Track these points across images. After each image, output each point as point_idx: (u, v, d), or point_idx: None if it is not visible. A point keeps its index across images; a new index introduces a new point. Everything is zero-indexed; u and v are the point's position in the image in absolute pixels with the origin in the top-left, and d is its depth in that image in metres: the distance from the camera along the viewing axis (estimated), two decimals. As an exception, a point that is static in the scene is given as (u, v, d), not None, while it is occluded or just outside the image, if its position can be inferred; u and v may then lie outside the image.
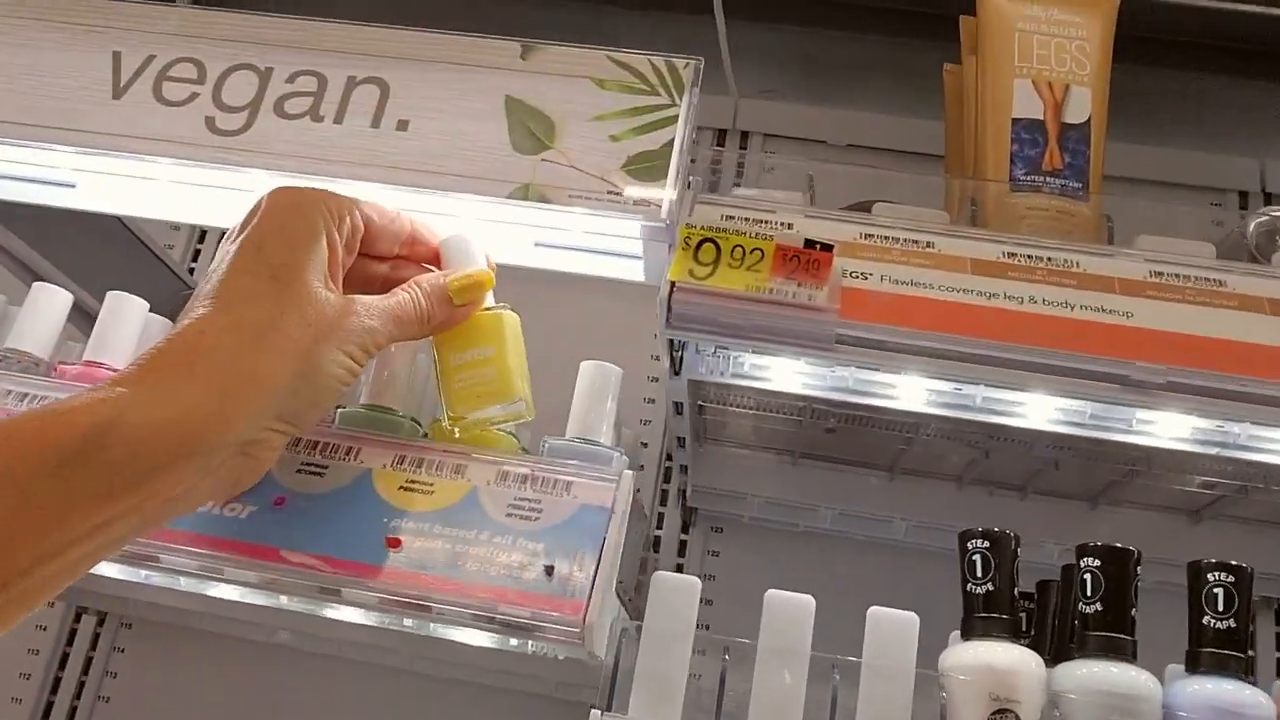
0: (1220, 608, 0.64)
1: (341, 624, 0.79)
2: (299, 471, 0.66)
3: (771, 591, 0.69)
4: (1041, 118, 0.76)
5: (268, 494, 0.65)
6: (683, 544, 1.06)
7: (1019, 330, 0.63)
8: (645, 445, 1.09)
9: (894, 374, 0.68)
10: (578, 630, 0.59)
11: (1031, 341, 0.63)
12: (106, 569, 0.67)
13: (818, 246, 0.64)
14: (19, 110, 0.71)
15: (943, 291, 0.65)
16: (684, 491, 1.02)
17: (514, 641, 0.66)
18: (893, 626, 0.68)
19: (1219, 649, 0.63)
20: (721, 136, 1.21)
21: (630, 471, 0.66)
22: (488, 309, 0.64)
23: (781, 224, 0.69)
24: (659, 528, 1.07)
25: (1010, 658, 0.65)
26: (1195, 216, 0.75)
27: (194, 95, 0.71)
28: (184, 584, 0.68)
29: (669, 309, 0.64)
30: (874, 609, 0.68)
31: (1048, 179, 0.74)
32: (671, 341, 0.69)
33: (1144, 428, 0.69)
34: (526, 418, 0.65)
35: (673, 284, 0.64)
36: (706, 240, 0.66)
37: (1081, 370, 0.63)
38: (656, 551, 1.06)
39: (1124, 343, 0.63)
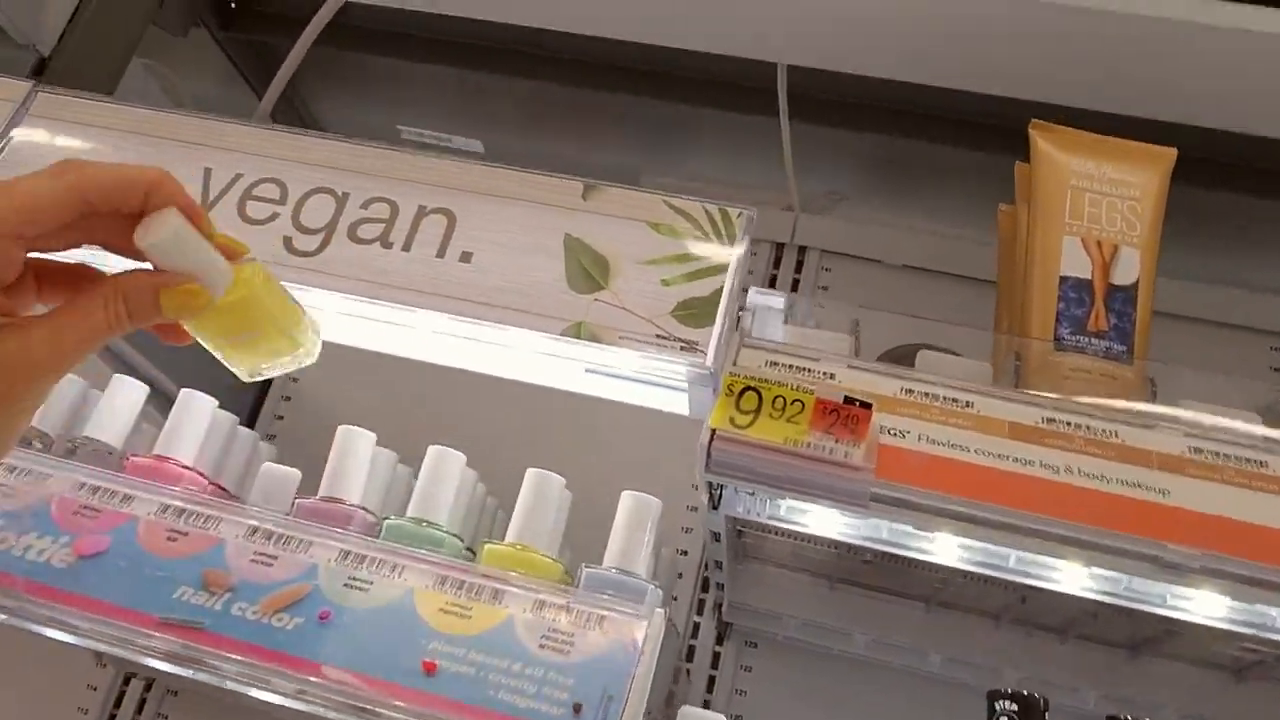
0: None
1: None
2: (345, 586, 0.69)
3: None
4: (1089, 277, 0.77)
5: (314, 608, 0.68)
6: (716, 655, 1.07)
7: (1053, 501, 0.64)
8: (685, 554, 1.10)
9: (927, 530, 0.69)
10: (600, 772, 0.61)
11: (1064, 515, 0.63)
12: (156, 663, 0.70)
13: (857, 403, 0.66)
14: (114, 222, 0.76)
15: (979, 455, 0.66)
16: (720, 606, 1.03)
17: (539, 773, 0.68)
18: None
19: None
20: (780, 249, 1.24)
21: (662, 610, 0.68)
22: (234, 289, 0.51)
23: (824, 374, 0.71)
24: (694, 637, 1.08)
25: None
26: (1246, 387, 0.75)
27: (275, 215, 0.75)
28: (230, 685, 0.71)
29: (709, 455, 0.66)
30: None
31: (1092, 340, 0.75)
32: (710, 482, 0.71)
33: (1179, 603, 0.69)
34: (310, 359, 0.56)
35: (713, 431, 0.66)
36: (749, 389, 0.68)
37: (1114, 548, 0.63)
38: (690, 661, 1.07)
39: (1159, 522, 0.63)
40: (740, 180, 1.51)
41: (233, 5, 1.53)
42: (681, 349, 0.68)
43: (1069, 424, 0.68)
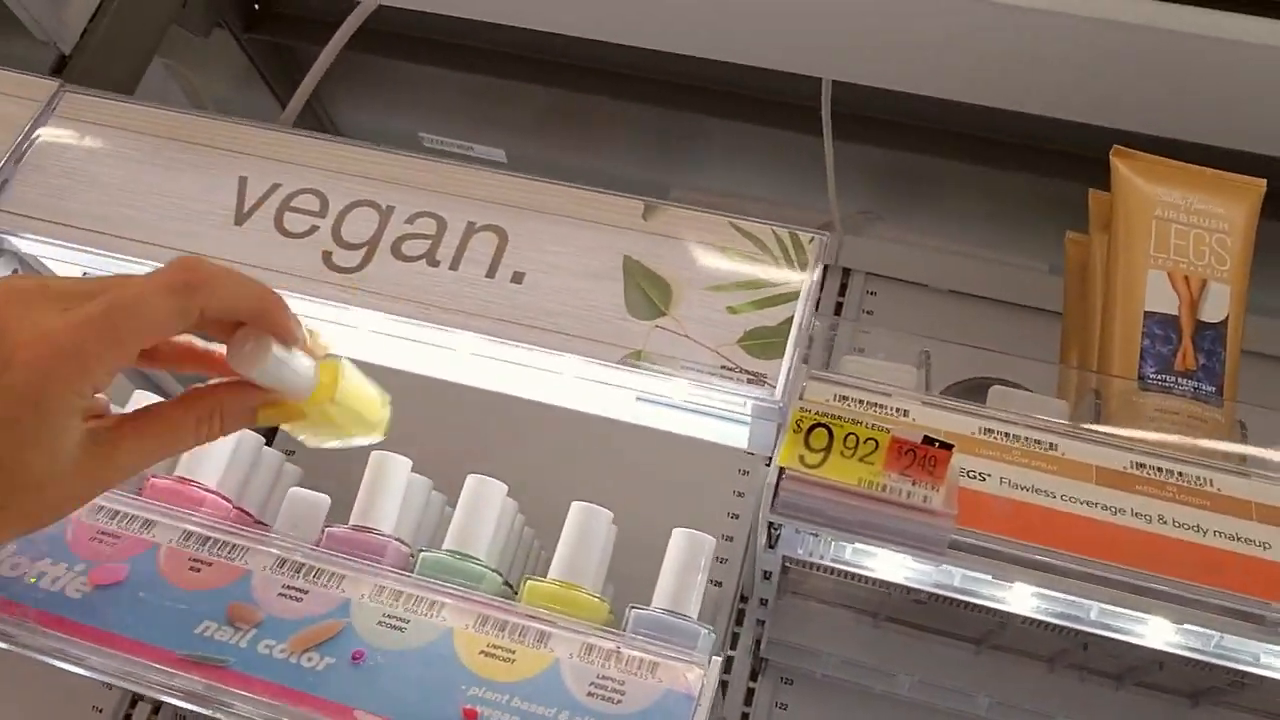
0: None
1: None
2: (380, 624, 0.65)
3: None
4: (1176, 313, 0.72)
5: (346, 647, 0.63)
6: (750, 692, 1.02)
7: (1145, 554, 0.60)
8: (719, 584, 1.06)
9: (1006, 580, 0.64)
10: (655, 838, 0.56)
11: (1158, 568, 0.59)
12: (177, 703, 0.66)
13: (936, 444, 0.62)
14: (143, 230, 0.72)
15: (1065, 502, 0.62)
16: (758, 641, 0.98)
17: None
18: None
19: None
20: (823, 272, 1.19)
21: (719, 657, 0.64)
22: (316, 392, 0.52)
23: (897, 410, 0.66)
24: (726, 672, 1.03)
25: None
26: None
27: (314, 228, 0.71)
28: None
29: (776, 495, 0.62)
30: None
31: (1179, 380, 0.70)
32: (771, 522, 0.66)
33: (1272, 662, 0.64)
34: (378, 438, 0.56)
35: (782, 470, 0.61)
36: (819, 425, 0.63)
37: (1213, 605, 0.59)
38: (723, 696, 1.02)
39: (1261, 579, 0.59)
40: (772, 197, 1.47)
41: (255, 7, 1.50)
42: (749, 381, 0.64)
43: (1160, 470, 0.63)
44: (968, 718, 0.95)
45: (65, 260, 0.75)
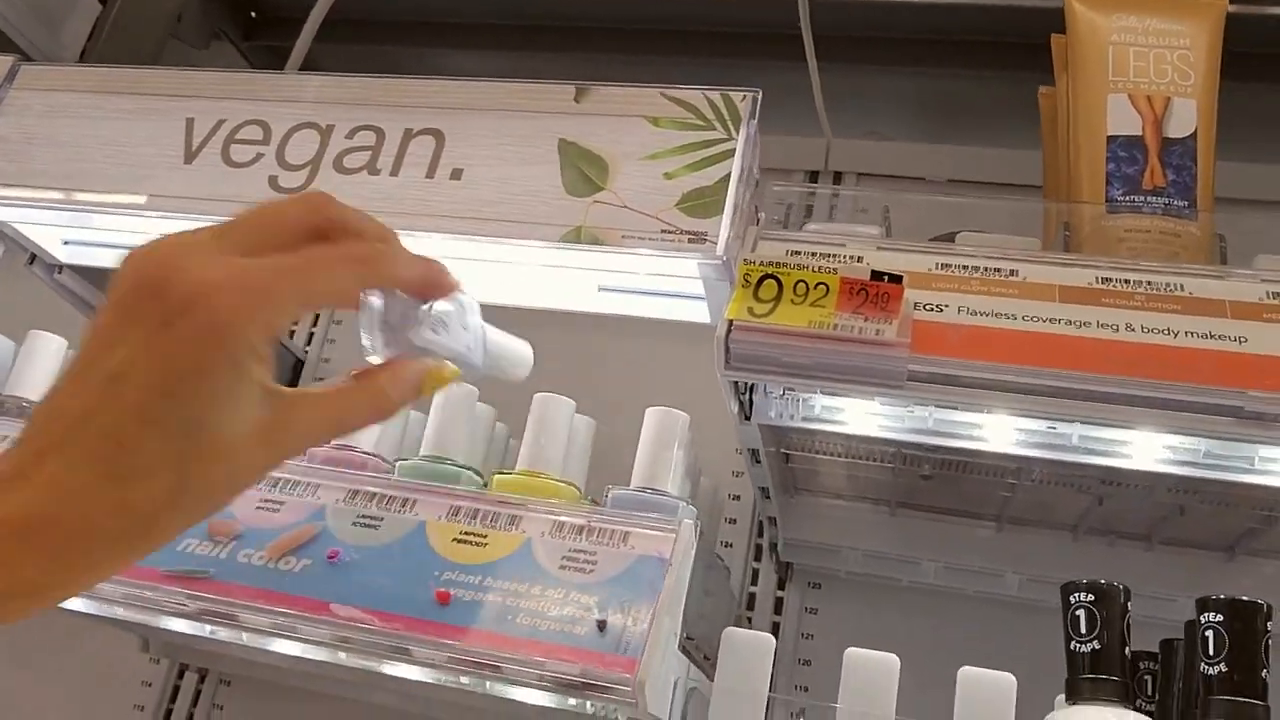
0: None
1: (438, 687, 0.76)
2: (354, 525, 0.65)
3: (851, 650, 0.64)
4: (1140, 133, 0.69)
5: (322, 548, 0.64)
6: (779, 601, 1.01)
7: (1113, 361, 0.57)
8: (737, 498, 1.05)
9: (977, 413, 0.63)
10: (629, 689, 0.56)
11: (1128, 372, 0.57)
12: (174, 624, 0.67)
13: (886, 278, 0.60)
14: (101, 180, 0.73)
15: (1026, 322, 0.60)
16: (775, 545, 0.97)
17: (571, 701, 0.63)
18: (988, 688, 0.62)
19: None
20: (814, 178, 1.17)
21: (690, 520, 0.63)
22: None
23: (851, 258, 0.65)
24: (754, 584, 1.02)
25: (1118, 725, 0.58)
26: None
27: (259, 156, 0.72)
28: (246, 639, 0.68)
29: (727, 349, 0.61)
30: (965, 669, 0.63)
31: (1148, 198, 0.68)
32: (737, 385, 0.65)
33: (1268, 466, 0.61)
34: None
35: (730, 322, 0.60)
36: (767, 276, 0.62)
37: (1187, 403, 0.56)
38: (752, 609, 1.01)
39: (1237, 371, 0.56)
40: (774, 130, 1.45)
41: (253, 14, 1.52)
42: (690, 241, 0.63)
43: (1127, 281, 0.61)
44: (1000, 599, 0.93)
45: (33, 221, 0.77)
